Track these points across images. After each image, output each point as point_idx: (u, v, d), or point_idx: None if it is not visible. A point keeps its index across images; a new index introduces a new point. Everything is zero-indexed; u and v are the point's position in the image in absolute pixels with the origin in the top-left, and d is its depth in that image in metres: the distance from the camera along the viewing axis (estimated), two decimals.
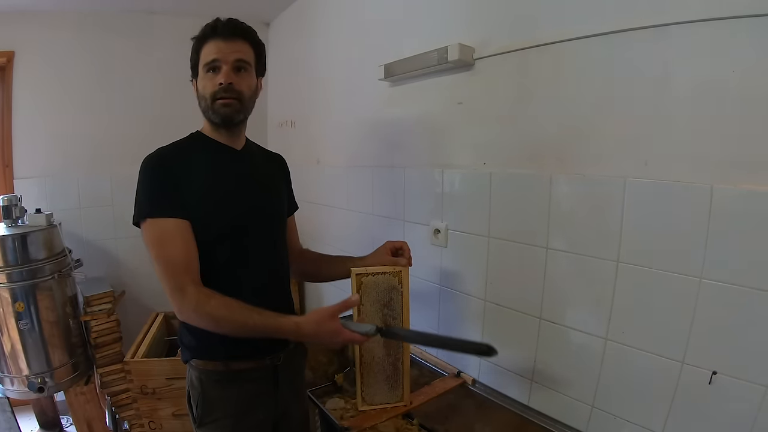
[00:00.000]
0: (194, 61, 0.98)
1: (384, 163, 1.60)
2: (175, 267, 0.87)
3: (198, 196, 0.92)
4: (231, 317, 0.85)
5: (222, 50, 0.93)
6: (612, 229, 0.94)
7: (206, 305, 0.85)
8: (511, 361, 1.20)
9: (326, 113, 1.97)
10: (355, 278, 1.08)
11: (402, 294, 1.09)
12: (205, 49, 0.95)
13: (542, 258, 1.08)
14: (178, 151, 0.97)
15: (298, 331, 0.86)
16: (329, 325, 0.85)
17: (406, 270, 1.08)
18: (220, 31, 0.94)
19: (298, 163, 2.20)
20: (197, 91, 0.98)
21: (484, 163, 1.22)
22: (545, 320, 1.10)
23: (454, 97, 1.29)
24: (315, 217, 2.08)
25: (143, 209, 0.90)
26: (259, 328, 0.85)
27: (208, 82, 0.94)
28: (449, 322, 1.39)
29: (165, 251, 0.87)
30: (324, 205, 2.03)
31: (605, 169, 0.96)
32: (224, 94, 0.94)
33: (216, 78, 0.93)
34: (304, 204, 2.18)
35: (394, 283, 1.09)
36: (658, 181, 0.87)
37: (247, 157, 1.04)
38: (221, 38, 0.93)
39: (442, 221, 1.35)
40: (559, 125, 1.04)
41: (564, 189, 1.04)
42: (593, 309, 1.00)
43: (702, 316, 0.82)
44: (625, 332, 0.94)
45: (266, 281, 1.02)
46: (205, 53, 0.94)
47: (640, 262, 0.90)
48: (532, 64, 1.09)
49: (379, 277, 1.09)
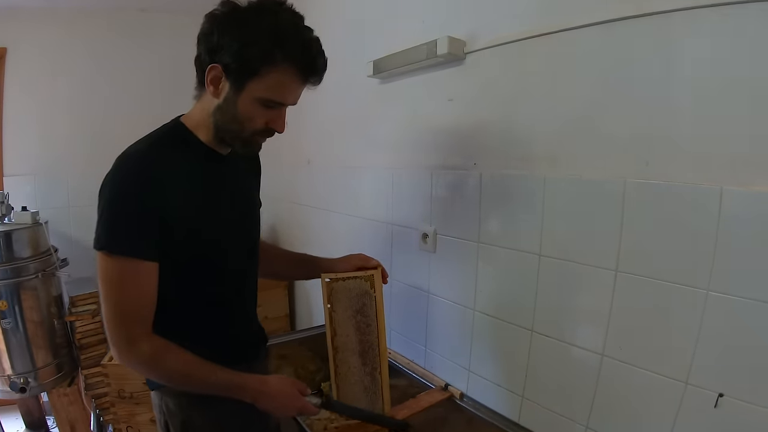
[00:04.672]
0: (254, 70, 0.72)
1: (372, 164, 1.53)
2: (128, 316, 0.73)
3: (183, 216, 0.76)
4: (189, 376, 0.76)
5: (297, 98, 0.79)
6: (610, 236, 0.86)
7: (161, 362, 0.75)
8: (502, 375, 1.12)
9: (316, 112, 1.92)
10: (325, 286, 1.01)
11: (375, 299, 1.02)
12: (286, 78, 0.74)
13: (534, 266, 1.01)
14: (163, 159, 0.76)
15: (262, 387, 0.80)
16: (290, 389, 0.83)
17: (378, 273, 1.01)
18: (313, 79, 0.78)
19: (288, 164, 2.17)
20: (228, 102, 0.75)
21: (474, 164, 1.15)
22: (537, 333, 1.02)
23: (444, 93, 1.23)
24: (305, 220, 2.02)
25: (104, 238, 0.71)
26: (220, 384, 0.77)
27: (259, 114, 0.76)
28: (436, 333, 1.32)
29: (120, 295, 0.73)
30: (312, 207, 1.97)
31: (603, 170, 0.88)
32: (265, 136, 0.82)
33: (270, 116, 0.78)
34: (294, 206, 2.15)
35: (366, 288, 1.02)
36: (661, 182, 0.79)
37: (233, 164, 0.89)
38: (309, 85, 0.78)
39: (430, 225, 1.28)
40: (553, 122, 0.97)
41: (558, 191, 0.96)
42: (589, 322, 0.92)
43: (708, 333, 0.74)
44: (623, 348, 0.86)
45: (239, 298, 0.93)
46: (281, 85, 0.74)
47: (641, 272, 0.82)
48: (525, 58, 1.01)
49: (350, 282, 1.02)
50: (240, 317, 0.94)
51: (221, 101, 0.76)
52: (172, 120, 0.85)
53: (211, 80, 0.74)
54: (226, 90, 0.75)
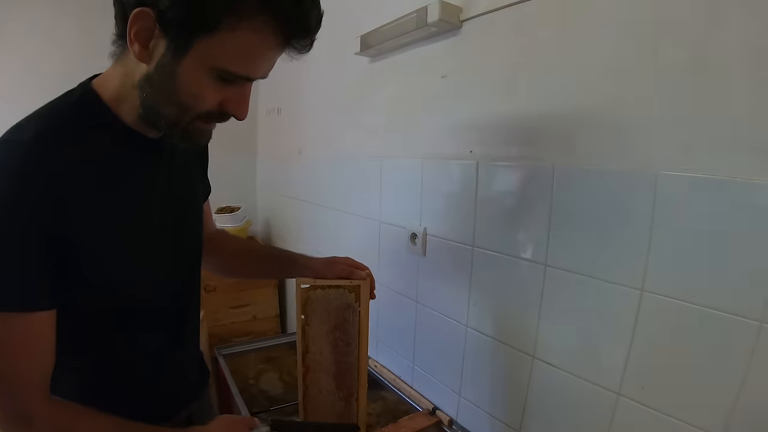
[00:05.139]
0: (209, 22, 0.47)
1: (361, 154, 1.36)
2: (18, 387, 0.52)
3: (90, 238, 0.54)
4: None
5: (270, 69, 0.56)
6: (636, 244, 0.67)
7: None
8: (496, 405, 0.94)
9: (307, 97, 1.76)
10: (300, 293, 0.84)
11: (360, 315, 0.85)
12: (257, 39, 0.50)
13: (539, 278, 0.82)
14: (57, 153, 0.51)
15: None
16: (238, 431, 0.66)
17: (367, 285, 0.83)
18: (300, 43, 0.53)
19: (281, 155, 2.02)
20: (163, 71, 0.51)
21: (471, 151, 0.96)
22: (540, 360, 0.84)
23: (436, 69, 1.04)
24: (298, 216, 1.88)
25: None
26: None
27: (211, 90, 0.52)
28: (425, 348, 1.14)
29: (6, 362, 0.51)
30: (302, 200, 1.82)
31: (629, 159, 0.69)
32: (217, 122, 0.58)
33: (227, 94, 0.54)
34: (286, 200, 2.00)
35: (350, 301, 0.85)
36: (704, 176, 0.60)
37: (167, 153, 0.65)
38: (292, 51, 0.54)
39: (420, 224, 1.10)
40: (566, 99, 0.78)
41: (571, 186, 0.77)
42: (604, 353, 0.73)
43: (757, 378, 0.55)
44: (645, 388, 0.67)
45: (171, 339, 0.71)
46: (249, 48, 0.50)
47: (675, 294, 0.63)
48: (533, 21, 0.82)
49: (331, 291, 0.84)
50: (173, 362, 0.72)
51: (152, 68, 0.51)
52: (80, 85, 0.58)
53: (136, 34, 0.49)
54: (160, 51, 0.50)
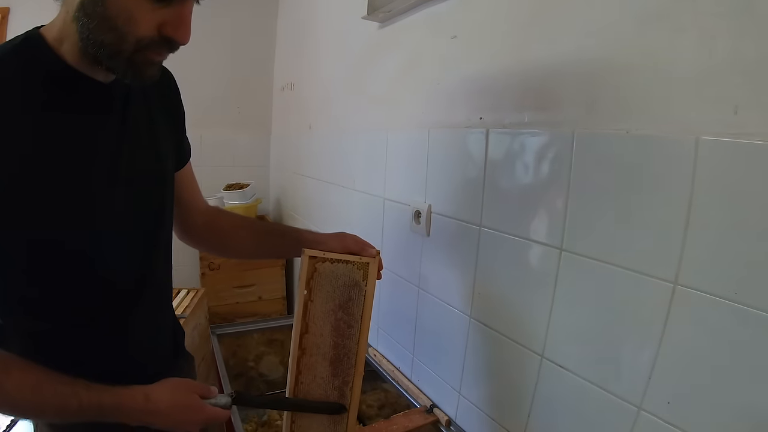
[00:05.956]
0: None
1: (368, 126, 1.26)
2: None
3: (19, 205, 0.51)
4: (39, 402, 0.52)
5: None
6: (670, 227, 0.54)
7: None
8: (498, 408, 0.84)
9: (318, 71, 1.67)
10: (307, 264, 0.76)
11: (365, 294, 0.76)
12: None
13: (553, 265, 0.70)
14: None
15: (146, 405, 0.57)
16: (187, 398, 0.60)
17: (375, 263, 0.75)
18: None
19: (293, 131, 1.95)
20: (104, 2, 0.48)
21: (481, 118, 0.84)
22: (549, 361, 0.72)
23: (447, 29, 0.92)
24: (307, 194, 1.81)
25: None
26: (89, 410, 0.53)
27: (145, 12, 0.49)
28: (426, 339, 1.05)
29: None
30: (311, 177, 1.74)
31: (663, 122, 0.56)
32: (162, 51, 0.53)
33: (164, 16, 0.50)
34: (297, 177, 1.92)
35: (357, 279, 0.76)
36: (756, 141, 0.47)
37: (117, 99, 0.60)
38: None
39: (424, 200, 1.00)
40: (589, 52, 0.64)
41: (592, 155, 0.64)
42: (625, 358, 0.61)
43: None
44: (672, 403, 0.55)
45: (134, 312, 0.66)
46: None
47: (715, 290, 0.50)
48: None
49: (339, 266, 0.75)
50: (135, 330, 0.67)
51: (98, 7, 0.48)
52: (26, 32, 0.55)
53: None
54: None
